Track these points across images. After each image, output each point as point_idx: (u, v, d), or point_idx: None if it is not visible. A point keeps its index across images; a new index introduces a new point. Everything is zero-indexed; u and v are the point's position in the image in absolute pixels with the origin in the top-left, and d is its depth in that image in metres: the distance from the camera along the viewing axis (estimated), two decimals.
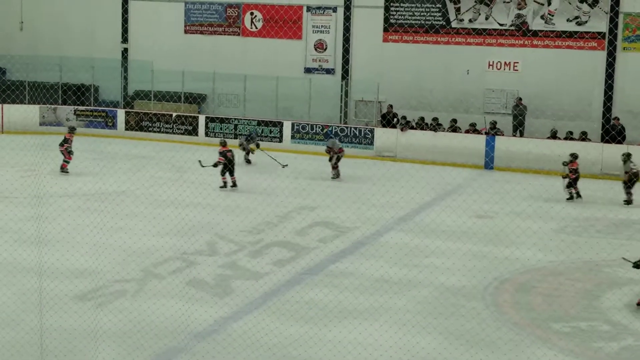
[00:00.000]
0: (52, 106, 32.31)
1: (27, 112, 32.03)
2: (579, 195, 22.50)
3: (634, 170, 22.24)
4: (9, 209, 18.94)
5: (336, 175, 25.07)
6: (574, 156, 22.49)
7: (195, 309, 12.97)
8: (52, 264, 14.69)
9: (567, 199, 22.32)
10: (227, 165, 22.49)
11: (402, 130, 28.81)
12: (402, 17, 30.84)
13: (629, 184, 22.27)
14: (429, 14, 30.54)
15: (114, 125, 31.72)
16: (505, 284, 15.21)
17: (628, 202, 22.16)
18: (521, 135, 28.58)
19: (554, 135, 27.44)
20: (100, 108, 32.55)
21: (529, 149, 26.97)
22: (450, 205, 21.12)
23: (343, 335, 12.17)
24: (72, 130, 24.81)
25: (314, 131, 29.71)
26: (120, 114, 32.09)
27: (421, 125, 29.01)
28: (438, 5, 30.40)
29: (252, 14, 32.82)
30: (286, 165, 25.34)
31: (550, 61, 29.39)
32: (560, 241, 17.73)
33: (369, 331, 12.20)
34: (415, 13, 30.69)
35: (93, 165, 24.87)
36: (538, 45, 29.57)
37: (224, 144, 22.79)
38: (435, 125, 28.82)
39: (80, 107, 32.35)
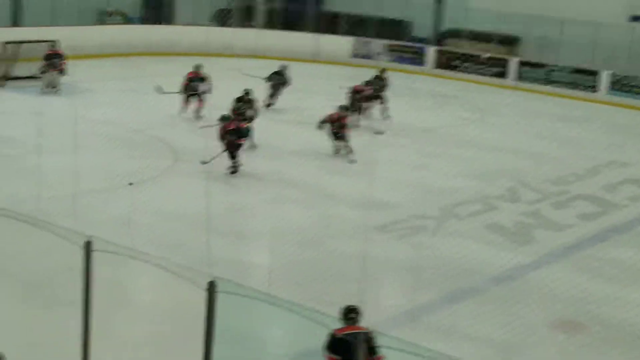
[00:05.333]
0: (365, 39, 32.86)
1: (340, 44, 32.89)
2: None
3: None
4: (315, 135, 19.48)
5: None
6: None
7: (492, 253, 12.69)
8: (356, 193, 15.00)
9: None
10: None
11: None
12: None
13: None
14: None
15: (423, 62, 31.72)
16: None
17: None
18: None
19: None
20: (411, 44, 32.61)
21: None
22: None
23: None
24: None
25: (634, 84, 27.82)
26: (431, 51, 32.00)
27: None
28: None
29: None
30: None
31: None
32: None
33: None
34: None
35: (398, 101, 24.92)
36: None
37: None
38: None
39: (392, 42, 32.61)
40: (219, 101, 18.21)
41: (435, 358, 6.11)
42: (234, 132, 15.67)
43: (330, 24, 33.10)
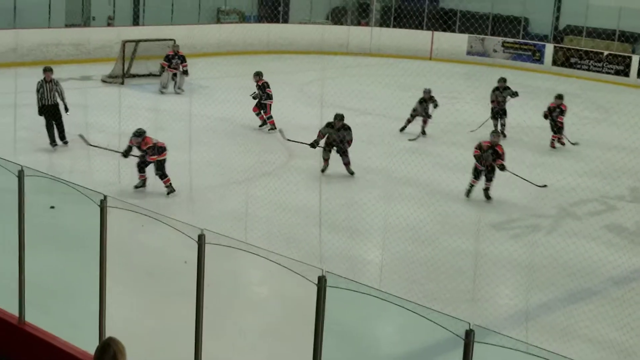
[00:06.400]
0: (481, 36, 32.43)
1: (455, 41, 32.57)
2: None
3: None
4: (430, 132, 19.37)
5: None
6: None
7: (610, 253, 12.31)
8: (462, 191, 14.83)
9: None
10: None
11: None
12: None
13: None
14: None
15: (540, 60, 31.08)
16: None
17: None
18: None
19: None
20: (528, 41, 32.01)
21: None
22: None
23: None
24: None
25: None
26: (549, 48, 31.28)
27: None
28: None
29: None
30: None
31: None
32: None
33: None
34: None
35: (516, 99, 24.29)
36: None
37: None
38: None
39: (509, 39, 32.06)
40: (335, 100, 18.21)
41: (550, 359, 5.96)
42: (150, 150, 13.99)
43: (446, 20, 32.78)
